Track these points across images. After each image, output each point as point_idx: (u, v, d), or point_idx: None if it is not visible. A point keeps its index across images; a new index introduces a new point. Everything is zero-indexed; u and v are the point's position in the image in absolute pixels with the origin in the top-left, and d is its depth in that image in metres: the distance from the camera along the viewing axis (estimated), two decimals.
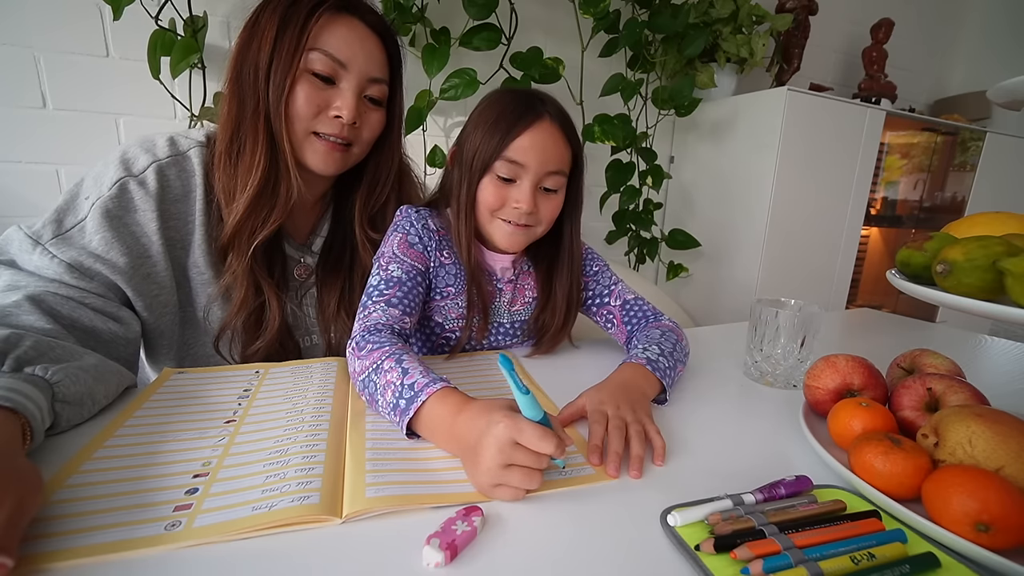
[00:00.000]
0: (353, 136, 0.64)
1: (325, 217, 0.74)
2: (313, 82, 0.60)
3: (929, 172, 2.03)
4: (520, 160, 0.59)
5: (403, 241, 0.63)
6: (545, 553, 0.33)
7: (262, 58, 0.58)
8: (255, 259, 0.63)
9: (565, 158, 0.62)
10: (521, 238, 0.64)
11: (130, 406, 0.49)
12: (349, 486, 0.38)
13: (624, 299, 0.71)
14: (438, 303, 0.66)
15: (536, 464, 0.38)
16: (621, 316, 0.70)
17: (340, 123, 0.61)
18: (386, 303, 0.58)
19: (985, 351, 0.86)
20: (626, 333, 0.69)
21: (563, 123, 0.61)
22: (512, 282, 0.70)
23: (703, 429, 0.52)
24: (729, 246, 1.73)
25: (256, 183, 0.60)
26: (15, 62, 1.07)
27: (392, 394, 0.46)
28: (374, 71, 0.63)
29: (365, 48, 0.61)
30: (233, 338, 0.66)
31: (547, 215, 0.63)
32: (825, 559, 0.31)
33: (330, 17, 0.59)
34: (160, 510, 0.35)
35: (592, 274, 0.73)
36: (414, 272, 0.62)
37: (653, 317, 0.68)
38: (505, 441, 0.37)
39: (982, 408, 0.39)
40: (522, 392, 0.39)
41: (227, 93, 0.61)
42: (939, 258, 0.43)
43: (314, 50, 0.59)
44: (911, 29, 2.16)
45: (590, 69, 1.51)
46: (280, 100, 0.58)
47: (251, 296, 0.64)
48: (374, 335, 0.53)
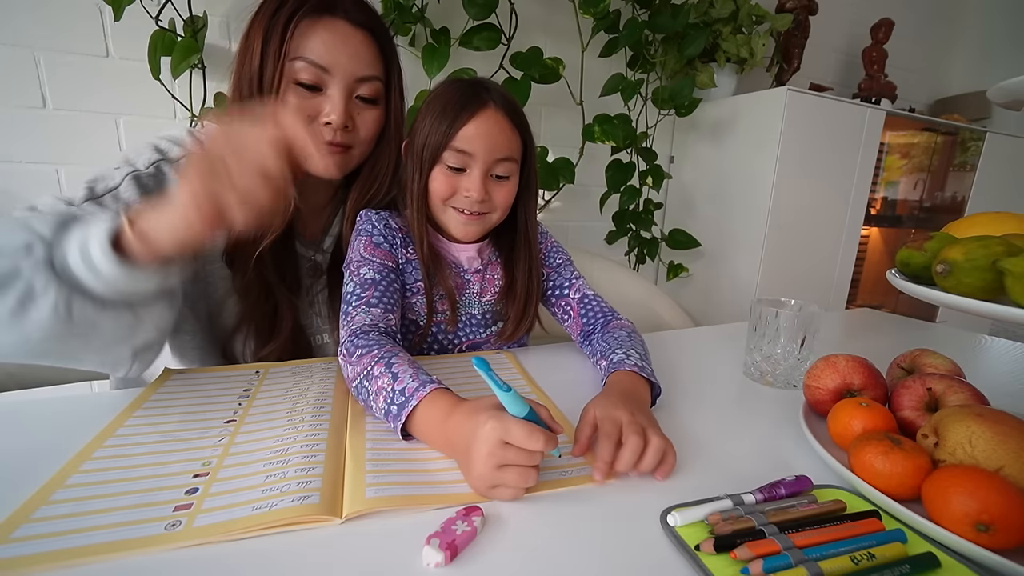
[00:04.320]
0: (350, 139, 0.64)
1: (336, 217, 0.74)
2: (300, 92, 0.60)
3: (929, 172, 2.03)
4: (467, 149, 0.59)
5: (368, 243, 0.64)
6: (545, 553, 0.33)
7: (253, 71, 0.59)
8: (264, 264, 0.63)
9: (514, 144, 0.62)
10: (476, 227, 0.65)
11: (130, 406, 0.49)
12: (349, 486, 0.38)
13: (584, 294, 0.71)
14: (409, 300, 0.67)
15: (528, 461, 0.38)
16: (578, 309, 0.70)
17: (332, 129, 0.61)
18: (366, 304, 0.58)
19: (985, 351, 0.86)
20: (581, 326, 0.69)
21: (509, 110, 0.61)
22: (480, 272, 0.70)
23: (703, 429, 0.52)
24: (729, 246, 1.72)
25: None
26: (15, 62, 1.07)
27: (384, 400, 0.46)
28: (362, 70, 0.62)
29: (349, 48, 0.60)
30: (246, 340, 0.67)
31: (501, 202, 0.64)
32: (825, 559, 0.31)
33: (309, 23, 0.58)
34: (160, 510, 0.35)
35: (555, 266, 0.74)
36: (386, 271, 0.63)
37: (611, 316, 0.69)
38: (494, 443, 0.37)
39: (982, 408, 0.39)
40: (503, 390, 0.38)
41: (230, 102, 0.62)
42: (939, 258, 0.43)
43: (297, 59, 0.58)
44: (911, 29, 2.16)
45: (590, 69, 1.51)
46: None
47: (263, 300, 0.64)
48: (361, 338, 0.53)
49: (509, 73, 1.39)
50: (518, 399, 0.39)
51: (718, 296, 1.80)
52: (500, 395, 0.39)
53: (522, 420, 0.38)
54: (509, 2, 1.34)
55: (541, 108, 1.61)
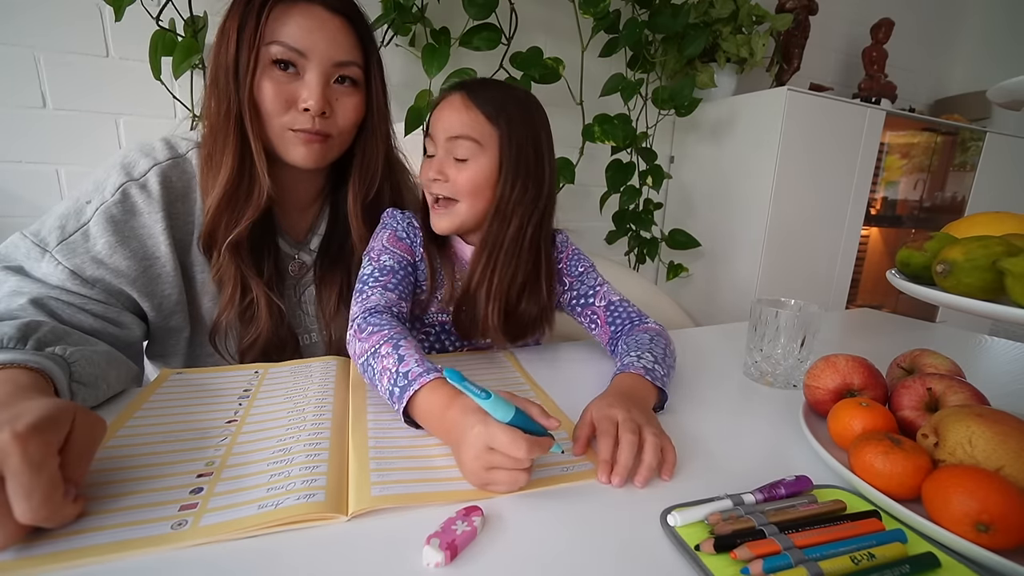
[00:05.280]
0: (328, 126, 0.63)
1: (322, 215, 0.74)
2: (277, 76, 0.59)
3: (929, 172, 2.03)
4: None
5: (392, 236, 0.66)
6: (545, 553, 0.33)
7: (229, 58, 0.58)
8: (240, 255, 0.63)
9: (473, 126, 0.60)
10: (445, 220, 0.63)
11: (129, 407, 0.49)
12: (354, 484, 0.38)
13: (609, 300, 0.70)
14: (417, 297, 0.67)
15: (515, 465, 0.38)
16: (605, 317, 0.69)
17: (310, 116, 0.60)
18: (383, 288, 0.60)
19: (985, 351, 0.86)
20: (609, 334, 0.68)
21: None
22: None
23: (703, 429, 0.52)
24: (729, 246, 1.73)
25: (224, 181, 0.60)
26: (15, 62, 1.07)
27: (388, 380, 0.47)
28: (339, 55, 0.61)
29: (326, 33, 0.60)
30: (228, 333, 0.67)
31: (462, 185, 0.61)
32: (825, 559, 0.31)
33: (285, 7, 0.58)
34: (165, 509, 0.35)
35: (577, 274, 0.72)
36: (404, 263, 0.64)
37: (639, 319, 0.67)
38: (480, 447, 0.38)
39: (982, 408, 0.39)
40: (482, 397, 0.38)
41: (207, 95, 0.61)
42: (939, 258, 0.43)
43: (272, 43, 0.58)
44: (911, 29, 2.16)
45: (590, 69, 1.51)
46: (246, 98, 0.58)
47: (238, 291, 0.64)
48: (374, 316, 0.55)
49: (509, 73, 1.39)
50: (500, 404, 0.38)
51: (718, 296, 1.80)
52: (481, 403, 0.38)
53: (506, 426, 0.38)
54: (509, 2, 1.34)
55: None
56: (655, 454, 0.41)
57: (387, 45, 1.32)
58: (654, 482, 0.42)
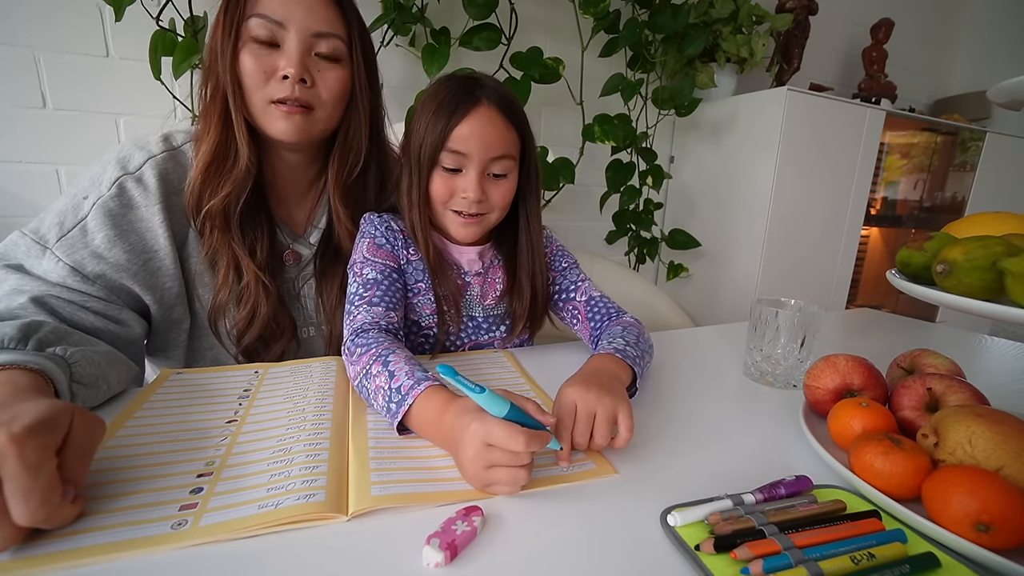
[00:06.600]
0: (310, 97, 0.62)
1: (322, 210, 0.74)
2: (256, 50, 0.59)
3: (929, 172, 2.03)
4: (462, 149, 0.58)
5: (371, 244, 0.64)
6: (545, 553, 0.33)
7: (216, 41, 0.59)
8: (229, 230, 0.63)
9: (509, 140, 0.61)
10: (475, 228, 0.64)
11: (129, 407, 0.49)
12: (354, 484, 0.38)
13: (590, 295, 0.71)
14: (411, 300, 0.67)
15: (515, 461, 0.38)
16: (586, 312, 0.70)
17: (290, 83, 0.60)
18: (368, 304, 0.59)
19: (985, 351, 0.86)
20: (590, 330, 0.69)
21: (503, 106, 0.60)
22: (481, 275, 0.70)
23: (703, 429, 0.52)
24: (729, 246, 1.73)
25: (207, 151, 0.61)
26: (15, 62, 1.07)
27: (383, 398, 0.47)
28: (318, 25, 0.61)
29: (304, 3, 0.60)
30: (227, 315, 0.67)
31: (499, 201, 0.63)
32: (825, 559, 0.31)
33: None
34: (165, 509, 0.35)
35: (561, 270, 0.73)
36: (388, 271, 0.63)
37: (616, 314, 0.69)
38: (478, 445, 0.38)
39: (982, 408, 0.39)
40: (476, 392, 0.38)
41: (201, 83, 0.63)
42: (939, 258, 0.43)
43: (252, 16, 0.58)
44: (911, 29, 2.16)
45: (590, 69, 1.51)
46: (228, 73, 0.59)
47: (232, 271, 0.64)
48: (361, 336, 0.55)
49: (509, 73, 1.39)
50: (495, 399, 0.39)
51: (718, 296, 1.80)
52: (475, 398, 0.38)
53: (503, 421, 0.38)
54: (509, 2, 1.34)
55: (541, 108, 1.61)
56: (605, 434, 0.44)
57: (387, 45, 1.32)
58: (654, 482, 0.42)
